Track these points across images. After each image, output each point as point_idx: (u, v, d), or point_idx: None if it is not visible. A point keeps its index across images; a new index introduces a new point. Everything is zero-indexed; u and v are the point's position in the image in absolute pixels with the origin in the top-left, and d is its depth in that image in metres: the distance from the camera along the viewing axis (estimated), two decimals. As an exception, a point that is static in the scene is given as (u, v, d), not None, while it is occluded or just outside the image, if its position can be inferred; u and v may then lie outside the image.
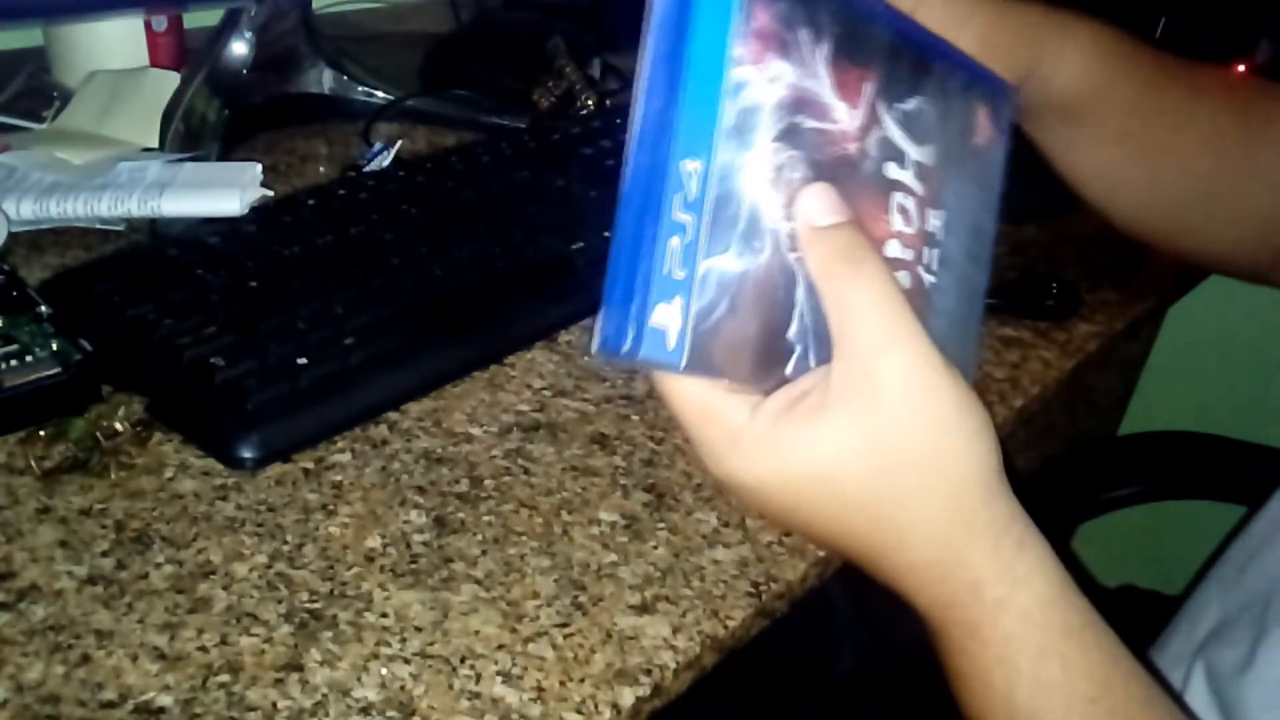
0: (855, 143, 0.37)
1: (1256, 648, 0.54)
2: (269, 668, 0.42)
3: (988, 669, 0.37)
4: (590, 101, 0.87)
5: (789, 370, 0.36)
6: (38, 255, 0.65)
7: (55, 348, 0.53)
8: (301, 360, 0.53)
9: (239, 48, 0.78)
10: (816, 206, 0.35)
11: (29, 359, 0.52)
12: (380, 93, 0.87)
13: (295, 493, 0.50)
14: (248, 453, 0.51)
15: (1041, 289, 0.72)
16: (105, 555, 0.45)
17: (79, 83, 0.81)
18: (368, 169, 0.76)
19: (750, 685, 0.69)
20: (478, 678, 0.42)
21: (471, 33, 1.03)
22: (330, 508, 0.49)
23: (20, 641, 0.41)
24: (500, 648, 0.43)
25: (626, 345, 0.32)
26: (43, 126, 0.78)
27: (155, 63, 0.85)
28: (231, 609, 0.44)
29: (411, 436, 0.54)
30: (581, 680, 0.43)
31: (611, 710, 0.42)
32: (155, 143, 0.74)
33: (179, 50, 0.87)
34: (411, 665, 0.42)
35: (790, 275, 0.35)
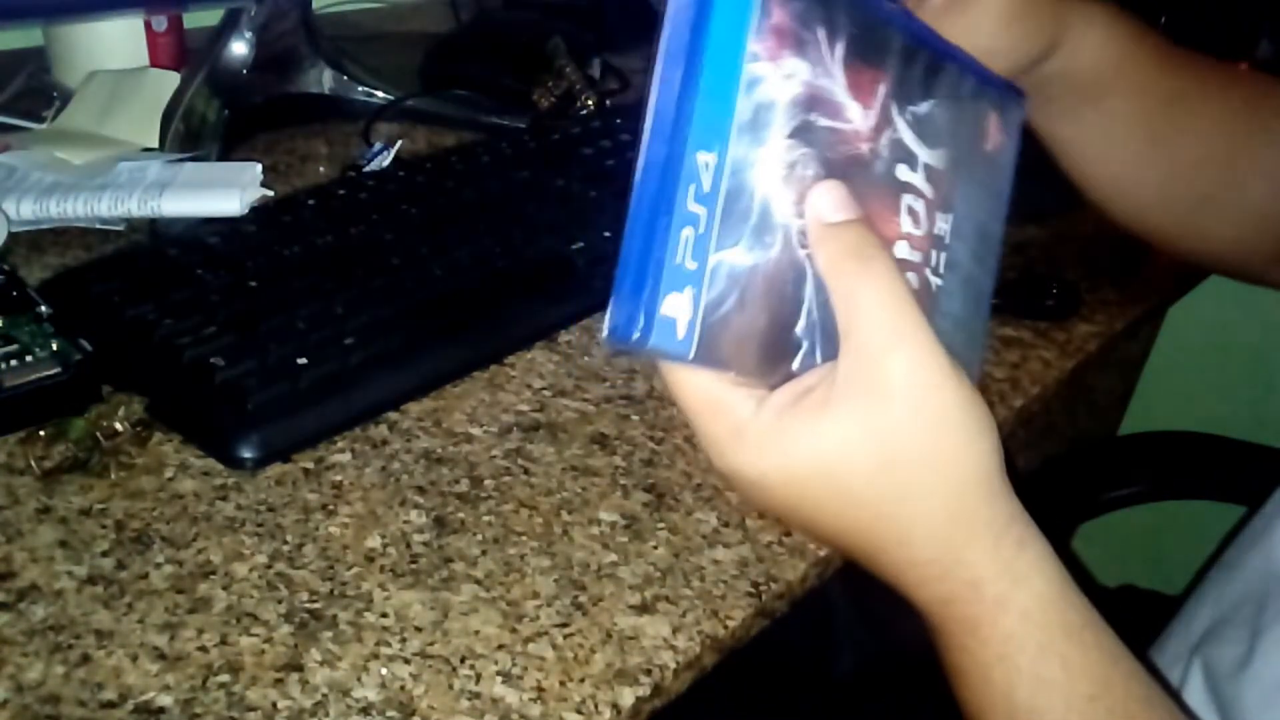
0: (867, 143, 0.37)
1: (1254, 647, 0.53)
2: (269, 668, 0.42)
3: (987, 667, 0.37)
4: (590, 101, 0.87)
5: (795, 366, 0.36)
6: (38, 255, 0.65)
7: (55, 348, 0.53)
8: (301, 360, 0.53)
9: (239, 48, 0.78)
10: (827, 203, 0.35)
11: (29, 359, 0.52)
12: (380, 93, 0.87)
13: (295, 493, 0.50)
14: (248, 453, 0.51)
15: (1041, 289, 0.72)
16: (105, 555, 0.45)
17: (79, 83, 0.81)
18: (368, 169, 0.76)
19: (750, 685, 0.68)
20: (478, 678, 0.42)
21: (471, 33, 1.03)
22: (330, 508, 0.49)
23: (20, 641, 0.41)
24: (500, 648, 0.43)
25: (636, 334, 0.32)
26: (43, 126, 0.78)
27: (155, 63, 0.85)
28: (231, 609, 0.44)
29: (411, 436, 0.54)
30: (581, 680, 0.43)
31: (611, 710, 0.42)
32: (155, 143, 0.74)
33: (179, 50, 0.88)
34: (411, 665, 0.42)
35: (800, 271, 0.35)
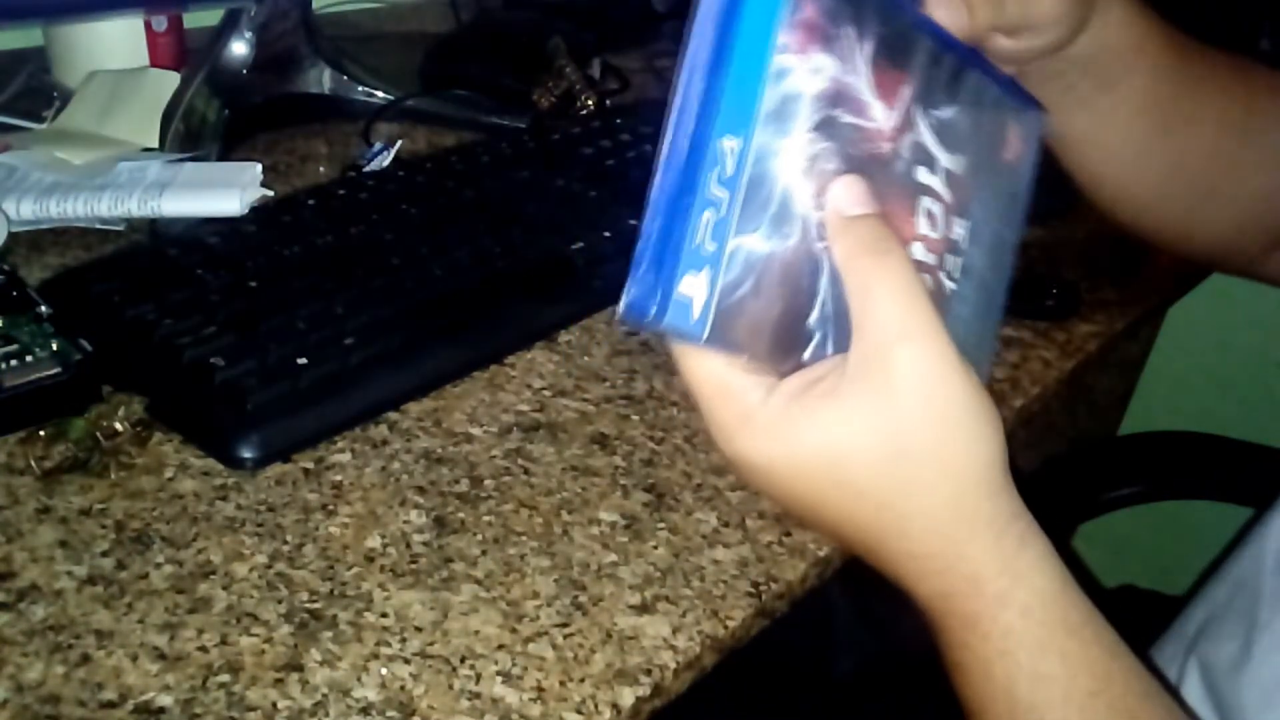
0: (889, 143, 0.37)
1: (1251, 645, 0.53)
2: (269, 668, 0.42)
3: (988, 663, 0.37)
4: (590, 101, 0.87)
5: (807, 356, 0.36)
6: (38, 255, 0.65)
7: (55, 348, 0.53)
8: (301, 360, 0.53)
9: (239, 48, 0.78)
10: (846, 196, 0.35)
11: (29, 359, 0.52)
12: (380, 93, 0.87)
13: (295, 493, 0.50)
14: (248, 453, 0.51)
15: (1041, 289, 0.72)
16: (105, 555, 0.45)
17: (79, 83, 0.81)
18: (368, 169, 0.76)
19: (750, 685, 0.68)
20: (478, 678, 0.42)
21: (471, 33, 1.02)
22: (330, 508, 0.49)
23: (20, 641, 0.41)
24: (500, 648, 0.43)
25: (652, 312, 0.33)
26: (43, 126, 0.78)
27: (155, 63, 0.85)
28: (231, 609, 0.44)
29: (411, 436, 0.54)
30: (581, 680, 0.43)
31: (611, 710, 0.42)
32: (155, 143, 0.74)
33: (179, 50, 0.87)
34: (411, 665, 0.42)
35: (816, 264, 0.36)
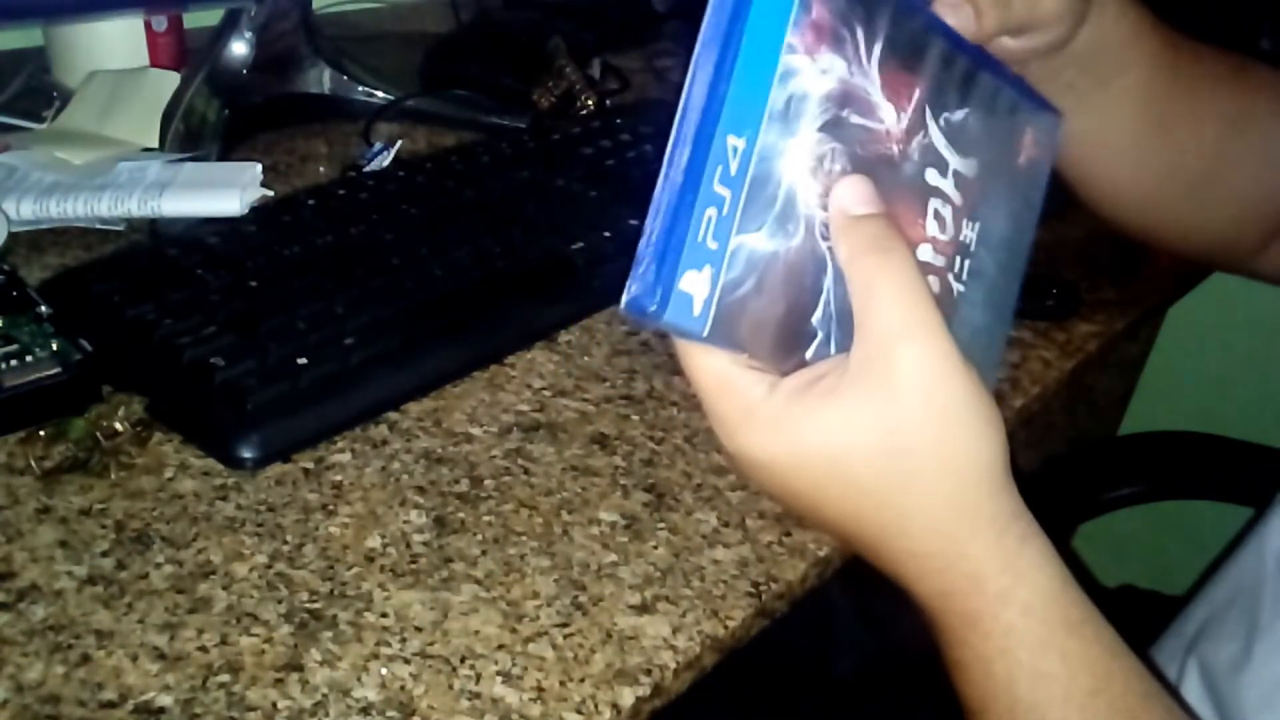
0: (898, 144, 0.37)
1: (1251, 646, 0.53)
2: (269, 668, 0.42)
3: (988, 661, 0.37)
4: (590, 101, 0.87)
5: (809, 354, 0.36)
6: (38, 255, 0.65)
7: (55, 348, 0.53)
8: (301, 360, 0.53)
9: (239, 48, 0.78)
10: (852, 196, 0.35)
11: (29, 359, 0.52)
12: (380, 93, 0.87)
13: (295, 493, 0.50)
14: (248, 453, 0.51)
15: (1041, 289, 0.72)
16: (105, 555, 0.45)
17: (79, 83, 0.81)
18: (368, 169, 0.76)
19: (750, 685, 0.68)
20: (478, 678, 0.42)
21: (471, 33, 1.02)
22: (330, 508, 0.49)
23: (20, 641, 0.41)
24: (500, 648, 0.43)
25: (653, 306, 0.33)
26: (43, 126, 0.78)
27: (155, 63, 0.85)
28: (231, 609, 0.44)
29: (411, 436, 0.54)
30: (581, 680, 0.43)
31: (611, 710, 0.42)
32: (155, 143, 0.74)
33: (179, 50, 0.87)
34: (411, 665, 0.42)
35: (820, 263, 0.36)
